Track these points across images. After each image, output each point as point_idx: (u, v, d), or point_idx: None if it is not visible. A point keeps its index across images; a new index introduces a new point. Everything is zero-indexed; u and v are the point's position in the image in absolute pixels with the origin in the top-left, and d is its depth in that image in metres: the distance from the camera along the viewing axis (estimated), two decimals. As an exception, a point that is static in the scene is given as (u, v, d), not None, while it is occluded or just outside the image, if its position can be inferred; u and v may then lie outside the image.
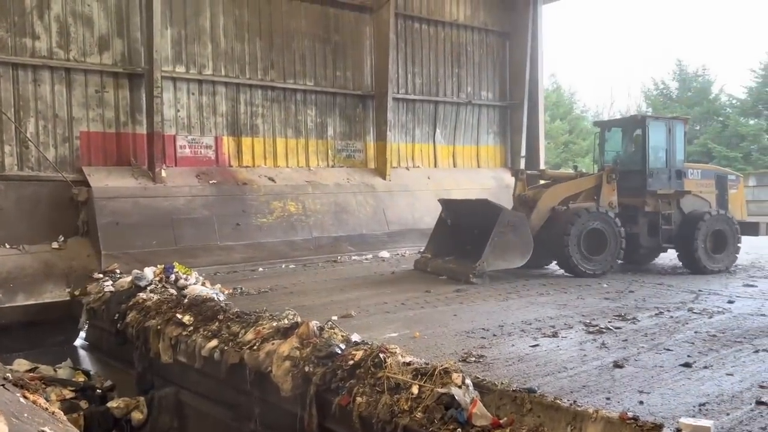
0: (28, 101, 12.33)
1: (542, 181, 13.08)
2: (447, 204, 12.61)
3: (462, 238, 11.81)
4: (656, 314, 7.99)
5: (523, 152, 20.04)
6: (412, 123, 18.47)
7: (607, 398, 4.86)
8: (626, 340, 6.70)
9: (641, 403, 4.74)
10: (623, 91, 77.07)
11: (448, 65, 19.11)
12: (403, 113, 18.24)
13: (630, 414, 4.21)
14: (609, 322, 7.54)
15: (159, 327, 8.19)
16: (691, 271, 11.80)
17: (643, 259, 12.82)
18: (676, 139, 12.24)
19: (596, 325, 7.33)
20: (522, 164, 19.54)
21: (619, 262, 11.91)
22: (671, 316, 7.84)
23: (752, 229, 12.78)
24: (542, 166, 20.03)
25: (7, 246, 11.74)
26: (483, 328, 7.32)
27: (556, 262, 12.05)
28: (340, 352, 5.88)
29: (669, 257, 12.89)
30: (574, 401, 4.57)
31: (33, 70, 12.37)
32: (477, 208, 11.74)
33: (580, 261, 11.24)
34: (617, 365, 5.72)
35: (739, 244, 12.09)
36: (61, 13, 12.61)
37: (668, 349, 6.29)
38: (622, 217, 11.80)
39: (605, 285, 10.40)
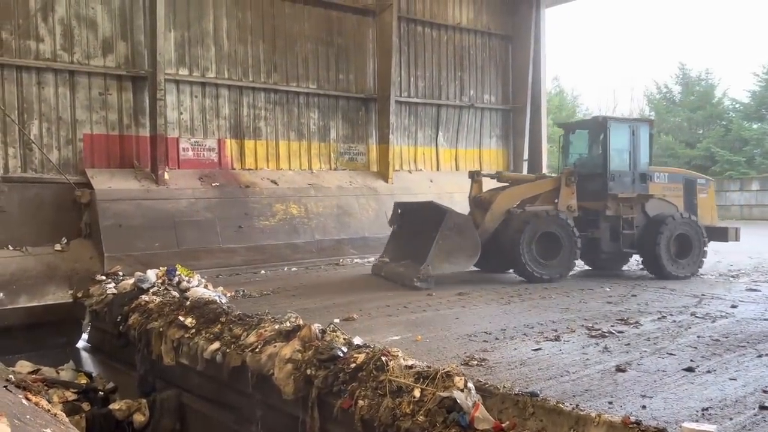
0: (32, 103, 12.37)
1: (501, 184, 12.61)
2: (401, 206, 12.30)
3: (417, 241, 11.41)
4: (659, 318, 7.96)
5: (526, 155, 20.05)
6: (414, 126, 18.49)
7: (610, 402, 4.84)
8: (629, 344, 6.68)
9: (644, 407, 4.72)
10: (626, 95, 77.07)
11: (451, 68, 19.13)
12: (406, 116, 18.26)
13: (633, 418, 4.20)
14: (611, 326, 7.52)
15: (161, 329, 8.19)
16: (655, 276, 11.59)
17: (612, 265, 12.56)
18: (641, 141, 11.95)
19: (599, 329, 7.31)
20: (525, 168, 19.55)
21: (588, 267, 11.62)
22: (674, 321, 7.82)
23: (721, 234, 12.48)
24: (545, 170, 20.02)
25: (11, 248, 11.78)
26: (485, 332, 7.31)
27: (511, 267, 11.65)
28: (342, 355, 5.88)
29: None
30: (577, 405, 4.56)
31: (37, 73, 12.41)
32: (426, 211, 11.46)
33: (533, 265, 10.94)
34: (620, 369, 5.70)
35: (705, 249, 11.79)
36: (65, 16, 12.65)
37: (671, 354, 6.27)
38: (583, 221, 11.57)
39: (608, 289, 10.38)
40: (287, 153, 16.02)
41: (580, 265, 12.55)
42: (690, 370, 5.66)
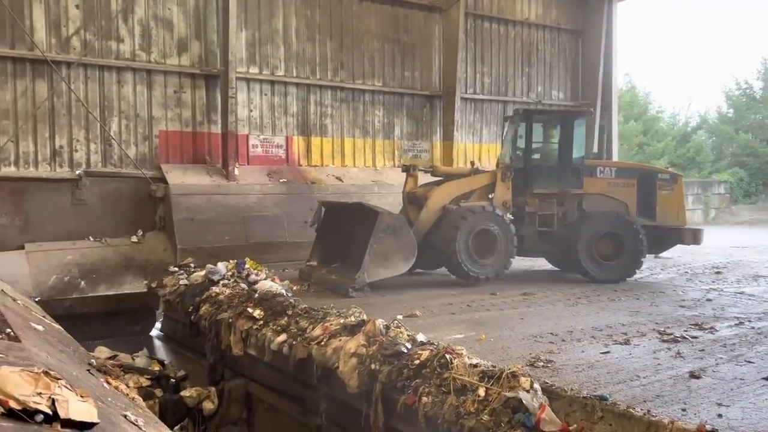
0: (112, 101, 12.95)
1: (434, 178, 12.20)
2: (326, 206, 11.77)
3: (346, 244, 10.98)
4: (736, 324, 7.63)
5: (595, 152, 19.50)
6: (479, 123, 18.33)
7: (683, 409, 4.68)
8: (703, 350, 6.44)
9: (720, 416, 4.55)
10: (703, 91, 73.75)
11: (518, 64, 18.86)
12: (471, 113, 18.12)
13: (708, 427, 4.05)
14: (685, 330, 7.26)
15: (230, 320, 8.43)
16: (585, 278, 11.04)
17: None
18: (573, 134, 11.29)
19: (671, 334, 7.07)
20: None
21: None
22: (752, 327, 7.47)
23: (676, 236, 11.68)
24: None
25: (91, 239, 12.40)
26: (551, 333, 7.19)
27: (444, 266, 11.23)
28: (406, 351, 5.91)
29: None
30: (648, 411, 4.44)
31: (117, 72, 12.99)
32: (354, 212, 10.95)
33: (469, 264, 10.49)
34: (694, 376, 5.50)
35: (641, 251, 11.01)
36: (143, 17, 13.19)
37: (749, 362, 5.99)
38: (515, 217, 11.11)
39: (680, 292, 10.02)
40: (352, 150, 16.19)
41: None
42: (770, 379, 5.41)
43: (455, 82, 16.98)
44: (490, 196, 11.24)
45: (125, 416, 3.78)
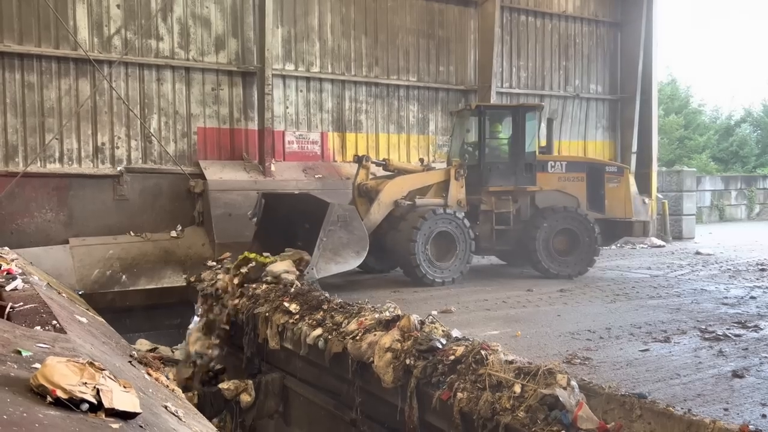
0: (152, 99, 13.22)
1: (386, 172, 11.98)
2: (266, 197, 11.39)
3: (290, 234, 10.64)
4: (782, 323, 7.42)
5: (635, 148, 19.13)
6: (516, 118, 18.11)
7: (725, 409, 4.58)
8: (747, 348, 6.28)
9: (764, 416, 4.43)
10: (747, 83, 71.64)
11: (555, 58, 18.59)
12: (507, 108, 17.93)
13: (752, 427, 3.94)
14: (727, 329, 7.09)
15: (267, 314, 8.52)
16: (542, 275, 10.86)
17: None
18: (526, 129, 11.15)
19: (713, 332, 6.91)
20: (633, 161, 18.65)
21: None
22: (799, 326, 7.25)
23: (626, 229, 11.65)
24: (654, 163, 19.09)
25: (132, 234, 12.69)
26: (588, 330, 7.10)
27: (401, 269, 10.99)
28: (441, 346, 5.89)
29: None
30: (689, 410, 4.34)
31: (157, 70, 13.24)
32: (301, 204, 10.73)
33: (427, 267, 10.26)
34: (736, 375, 5.37)
35: (596, 246, 10.98)
36: (182, 15, 13.41)
37: (795, 361, 5.83)
38: (469, 216, 10.86)
39: (723, 289, 9.78)
40: (387, 145, 16.19)
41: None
42: (818, 380, 5.25)
43: (491, 76, 16.82)
44: (443, 194, 11.13)
45: (166, 407, 3.86)
